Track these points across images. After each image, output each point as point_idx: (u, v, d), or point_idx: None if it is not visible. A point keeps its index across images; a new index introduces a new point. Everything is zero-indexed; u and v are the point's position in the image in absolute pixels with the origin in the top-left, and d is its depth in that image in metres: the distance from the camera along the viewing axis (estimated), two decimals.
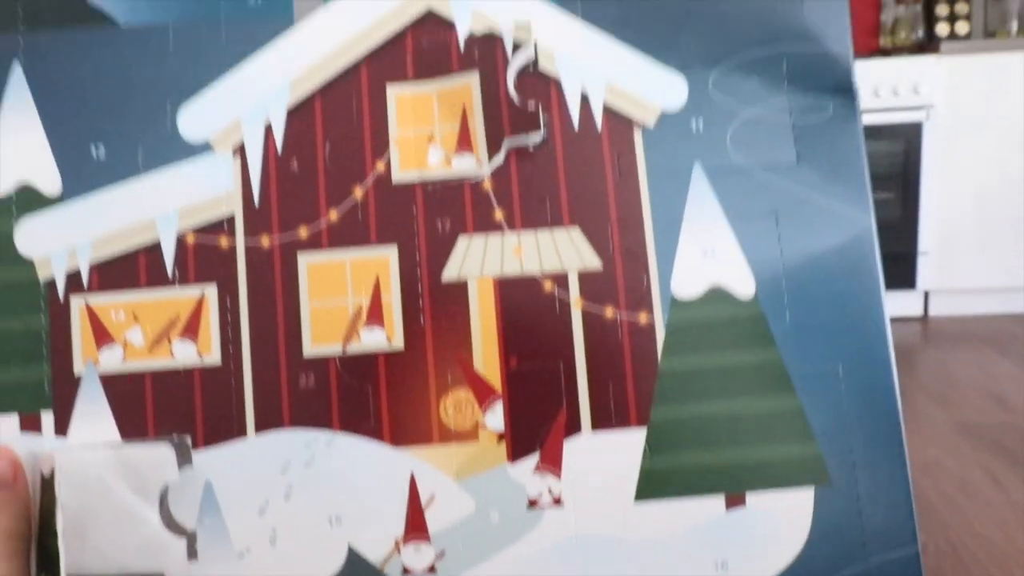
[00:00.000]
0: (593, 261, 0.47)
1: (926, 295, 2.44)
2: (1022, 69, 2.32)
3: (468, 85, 0.47)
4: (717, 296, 0.47)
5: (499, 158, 0.47)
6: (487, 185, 0.47)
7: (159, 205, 0.46)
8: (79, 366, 0.46)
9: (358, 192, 0.47)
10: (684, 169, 0.48)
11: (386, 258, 0.46)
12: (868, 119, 2.48)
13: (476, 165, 0.47)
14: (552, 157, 0.47)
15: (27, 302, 0.46)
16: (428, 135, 0.47)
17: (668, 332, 0.46)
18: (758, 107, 0.48)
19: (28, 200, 0.47)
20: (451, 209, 0.47)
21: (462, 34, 0.48)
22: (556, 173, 0.47)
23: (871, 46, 2.96)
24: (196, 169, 0.47)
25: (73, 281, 0.46)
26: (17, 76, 0.47)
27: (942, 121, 2.34)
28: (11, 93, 0.47)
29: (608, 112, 0.48)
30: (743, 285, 0.47)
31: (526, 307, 0.47)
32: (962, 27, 2.72)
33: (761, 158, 0.48)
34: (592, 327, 0.46)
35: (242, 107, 0.47)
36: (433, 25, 0.48)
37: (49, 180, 0.47)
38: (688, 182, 0.47)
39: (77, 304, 0.46)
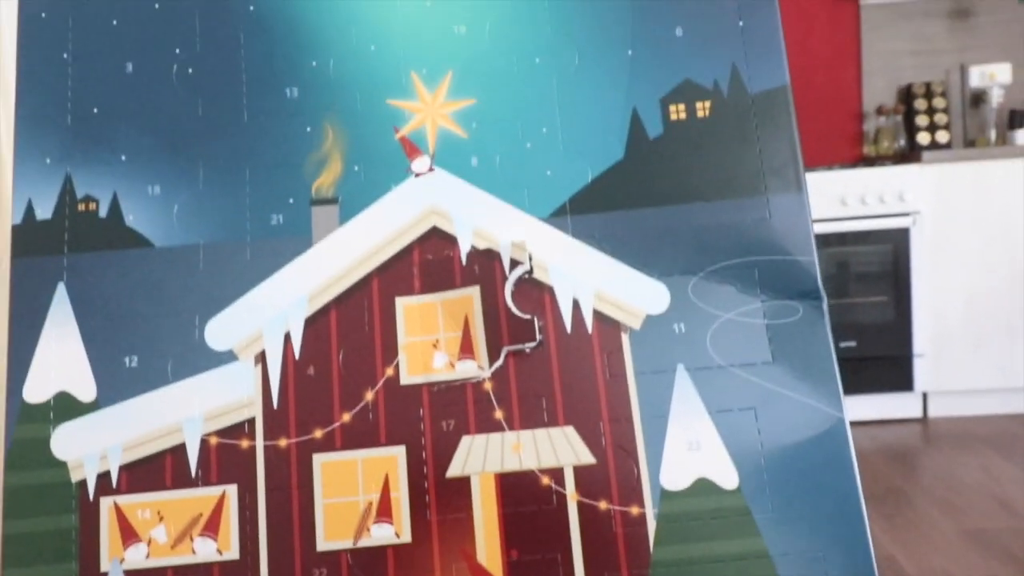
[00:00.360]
0: (587, 457, 0.50)
1: (924, 396, 2.47)
2: (1003, 176, 2.43)
3: (470, 296, 0.53)
4: (703, 487, 0.50)
5: (499, 363, 0.51)
6: (488, 386, 0.51)
7: (186, 410, 0.51)
8: (105, 564, 0.49)
9: (369, 395, 0.51)
10: (669, 368, 0.52)
11: (395, 457, 0.50)
12: (857, 225, 2.58)
13: (477, 369, 0.52)
14: (547, 359, 0.52)
15: (59, 502, 0.49)
16: (433, 341, 0.52)
17: (659, 523, 0.50)
18: (734, 311, 0.53)
19: (65, 407, 0.51)
20: (455, 409, 0.51)
21: (464, 249, 0.53)
22: (551, 374, 0.52)
23: (855, 155, 3.10)
24: (220, 376, 0.51)
25: (103, 482, 0.50)
26: (61, 294, 0.52)
27: (929, 226, 2.44)
28: (55, 309, 0.52)
29: (598, 316, 0.53)
30: (727, 477, 0.51)
31: (525, 500, 0.50)
32: (942, 136, 2.86)
33: (739, 357, 0.52)
34: (588, 519, 0.50)
35: (264, 318, 0.52)
36: (437, 241, 0.54)
37: (85, 388, 0.51)
38: (673, 381, 0.52)
39: (107, 504, 0.49)
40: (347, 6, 0.56)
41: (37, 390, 0.51)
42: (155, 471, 0.50)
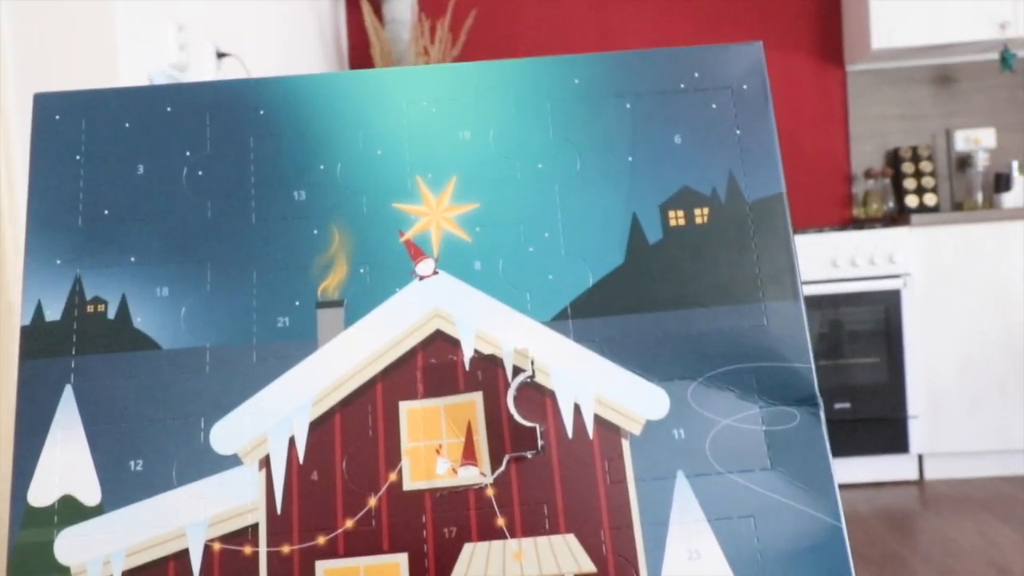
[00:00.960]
0: (588, 566, 0.51)
1: (920, 458, 2.47)
2: (991, 238, 2.48)
3: (472, 402, 0.54)
4: None
5: (500, 469, 0.52)
6: (490, 492, 0.52)
7: (190, 515, 0.51)
8: None
9: (372, 501, 0.52)
10: (668, 475, 0.53)
11: (397, 564, 0.51)
12: (848, 287, 2.62)
13: (480, 475, 0.53)
14: (548, 464, 0.53)
15: None
16: (436, 447, 0.53)
17: None
18: (732, 417, 0.54)
19: (69, 510, 0.51)
20: (457, 516, 0.52)
21: (467, 353, 0.55)
22: (553, 480, 0.53)
23: (845, 218, 3.15)
24: (225, 481, 0.52)
25: None
26: (67, 397, 0.53)
27: (919, 288, 2.47)
28: (61, 412, 0.53)
29: (598, 422, 0.54)
30: None
31: None
32: (930, 199, 2.91)
33: (737, 464, 0.54)
34: None
35: (269, 422, 0.53)
36: (441, 344, 0.55)
37: (90, 492, 0.52)
38: (673, 487, 0.53)
39: None
40: (354, 111, 0.58)
41: (42, 493, 0.52)
42: None
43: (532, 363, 0.54)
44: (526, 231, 0.57)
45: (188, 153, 0.57)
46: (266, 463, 0.52)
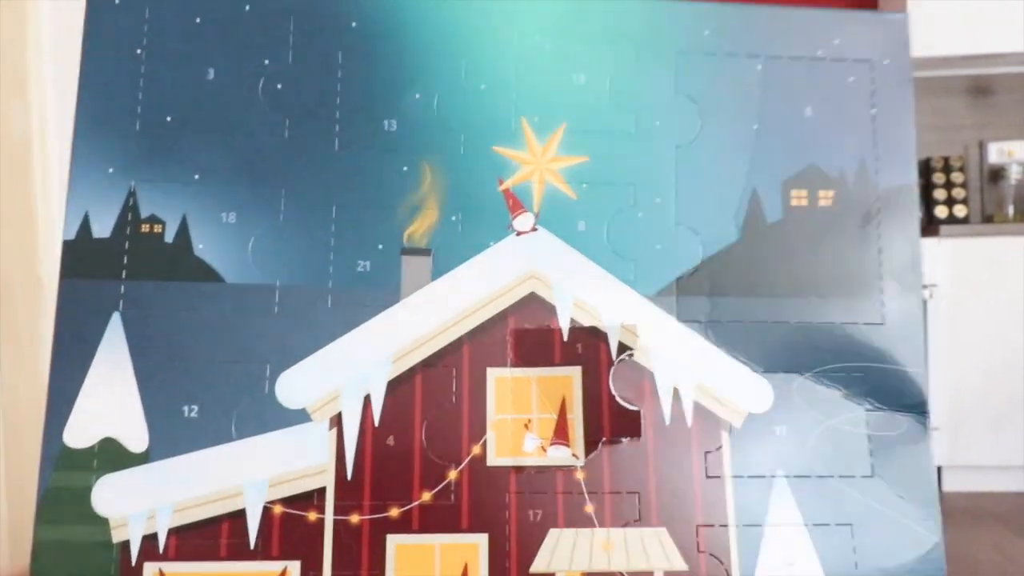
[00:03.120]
0: (679, 563, 0.49)
1: (939, 470, 2.49)
2: (1020, 252, 2.46)
3: (569, 377, 0.50)
4: None
5: (595, 453, 0.49)
6: (579, 476, 0.49)
7: (249, 473, 0.47)
8: None
9: (452, 474, 0.48)
10: (767, 473, 0.50)
11: (476, 545, 0.47)
12: None
13: (571, 457, 0.49)
14: (643, 452, 0.50)
15: (97, 565, 0.45)
16: (525, 421, 0.49)
17: None
18: (837, 418, 0.52)
19: (111, 455, 0.46)
20: (543, 499, 0.48)
21: (563, 322, 0.51)
22: (647, 469, 0.50)
23: None
24: (290, 438, 0.47)
25: (149, 546, 0.45)
26: (115, 325, 0.47)
27: (946, 300, 2.45)
28: (107, 342, 0.47)
29: (698, 410, 0.51)
30: None
31: None
32: (960, 210, 2.91)
33: (839, 468, 0.51)
34: None
35: (343, 377, 0.48)
36: (535, 309, 0.51)
37: (136, 437, 0.46)
38: (771, 487, 0.50)
39: (151, 571, 0.45)
40: (460, 38, 0.52)
41: (80, 433, 0.46)
42: (209, 538, 0.46)
43: (638, 342, 0.51)
44: (636, 194, 0.53)
45: (267, 62, 0.51)
46: (337, 422, 0.48)
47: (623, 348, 0.50)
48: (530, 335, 0.50)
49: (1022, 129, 3.02)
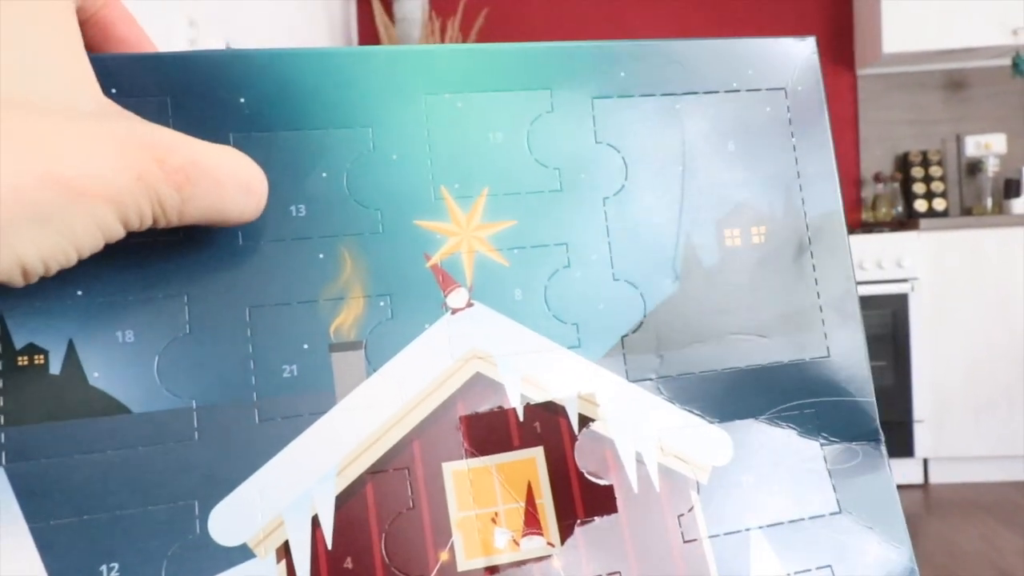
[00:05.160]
0: None
1: (925, 463, 2.53)
2: (999, 244, 2.55)
3: (532, 459, 0.46)
4: None
5: (571, 537, 0.45)
6: (557, 564, 0.45)
7: None
8: None
9: None
10: (742, 527, 0.48)
11: None
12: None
13: (547, 546, 0.45)
14: (618, 527, 0.46)
15: None
16: (492, 515, 0.45)
17: None
18: (796, 458, 0.50)
19: None
20: None
21: (512, 398, 0.47)
22: (624, 544, 0.46)
23: (854, 221, 3.16)
24: None
25: None
26: (3, 486, 0.40)
27: (927, 292, 2.50)
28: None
29: (663, 472, 0.48)
30: None
31: None
32: (939, 204, 2.99)
33: (808, 509, 0.50)
34: None
35: (284, 501, 0.43)
36: (483, 391, 0.47)
37: None
38: (748, 541, 0.48)
39: None
40: (362, 104, 0.48)
41: None
42: None
43: (598, 410, 0.47)
44: (570, 253, 0.49)
45: None
46: (285, 553, 0.42)
47: (584, 420, 0.47)
48: (483, 420, 0.46)
49: (998, 122, 3.13)
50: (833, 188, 0.54)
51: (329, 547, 0.43)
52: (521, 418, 0.46)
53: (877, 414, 0.52)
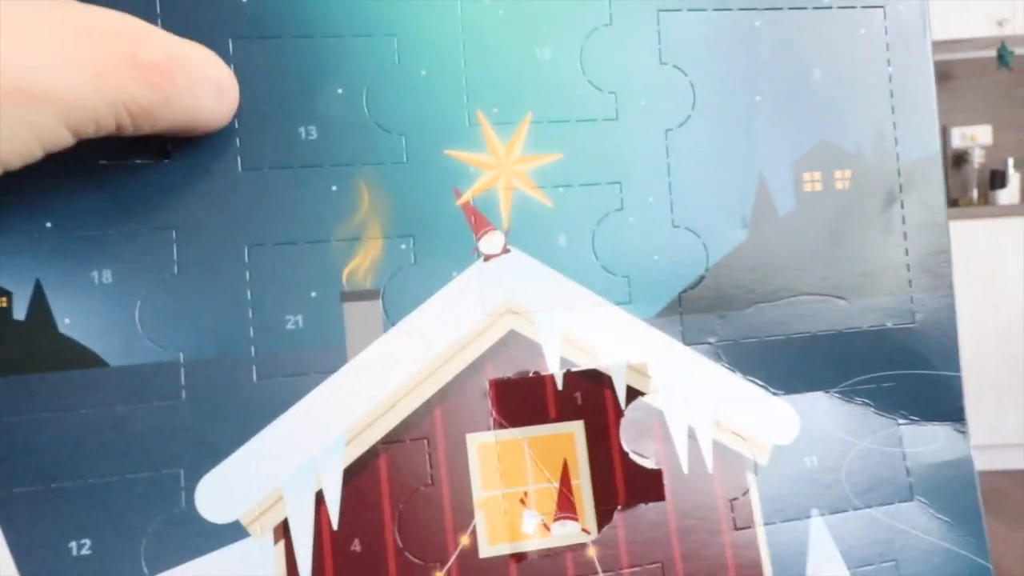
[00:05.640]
0: None
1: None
2: (986, 234, 2.49)
3: (570, 434, 0.40)
4: None
5: (610, 525, 0.39)
6: (591, 553, 0.39)
7: None
8: None
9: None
10: (802, 515, 0.42)
11: None
12: None
13: (581, 533, 0.39)
14: (662, 513, 0.40)
15: None
16: (520, 495, 0.39)
17: None
18: (869, 439, 0.44)
19: None
20: None
21: (552, 363, 0.40)
22: (668, 532, 0.40)
23: None
24: (223, 563, 0.36)
25: None
26: None
27: None
28: None
29: (718, 450, 0.42)
30: None
31: None
32: None
33: (877, 496, 0.44)
34: None
35: (283, 471, 0.37)
36: (517, 352, 0.40)
37: None
38: (808, 530, 0.42)
39: None
40: (388, 9, 0.40)
41: None
42: None
43: (650, 383, 0.41)
44: (624, 193, 0.42)
45: None
46: (284, 532, 0.36)
47: (632, 392, 0.40)
48: (516, 387, 0.40)
49: (984, 113, 3.06)
50: (931, 129, 0.45)
51: (335, 527, 0.37)
52: (560, 386, 0.40)
53: (963, 392, 0.45)
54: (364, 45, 0.39)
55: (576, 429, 0.40)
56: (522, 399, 0.40)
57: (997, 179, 2.91)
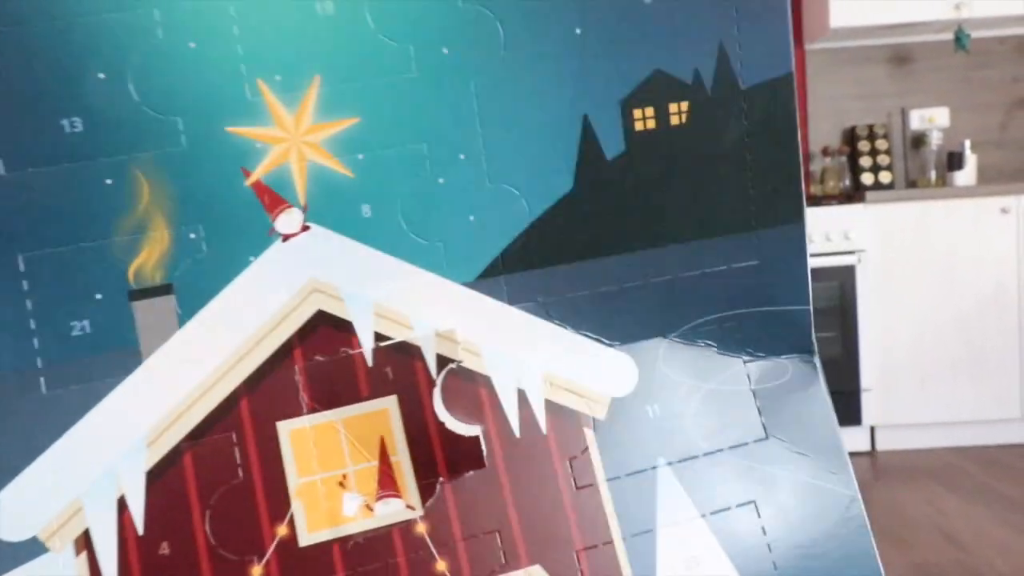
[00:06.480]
0: None
1: (872, 430, 2.54)
2: (943, 215, 2.47)
3: (384, 411, 0.38)
4: None
5: (434, 497, 0.38)
6: (421, 528, 0.38)
7: None
8: None
9: (257, 570, 0.36)
10: (647, 466, 0.40)
11: None
12: None
13: (406, 509, 0.38)
14: (494, 477, 0.39)
15: None
16: (339, 478, 0.37)
17: None
18: (715, 379, 0.42)
19: None
20: (380, 569, 0.37)
21: (365, 342, 0.38)
22: (503, 498, 0.39)
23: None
24: None
25: None
26: None
27: (873, 264, 2.45)
28: None
29: (551, 409, 0.40)
30: None
31: None
32: (885, 176, 2.90)
33: (728, 438, 0.41)
34: None
35: (82, 481, 0.35)
36: (327, 331, 0.38)
37: None
38: (655, 481, 0.40)
39: None
40: None
41: None
42: None
43: (460, 348, 0.39)
44: (431, 153, 0.39)
45: None
46: (86, 543, 0.35)
47: (443, 361, 0.38)
48: (326, 368, 0.37)
49: (941, 96, 3.01)
50: (783, 43, 0.41)
51: (140, 532, 0.35)
52: (370, 363, 0.38)
53: (812, 324, 0.43)
54: (122, 21, 0.36)
55: (391, 405, 0.38)
56: (333, 380, 0.37)
57: (955, 161, 2.89)
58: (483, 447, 0.38)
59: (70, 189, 0.35)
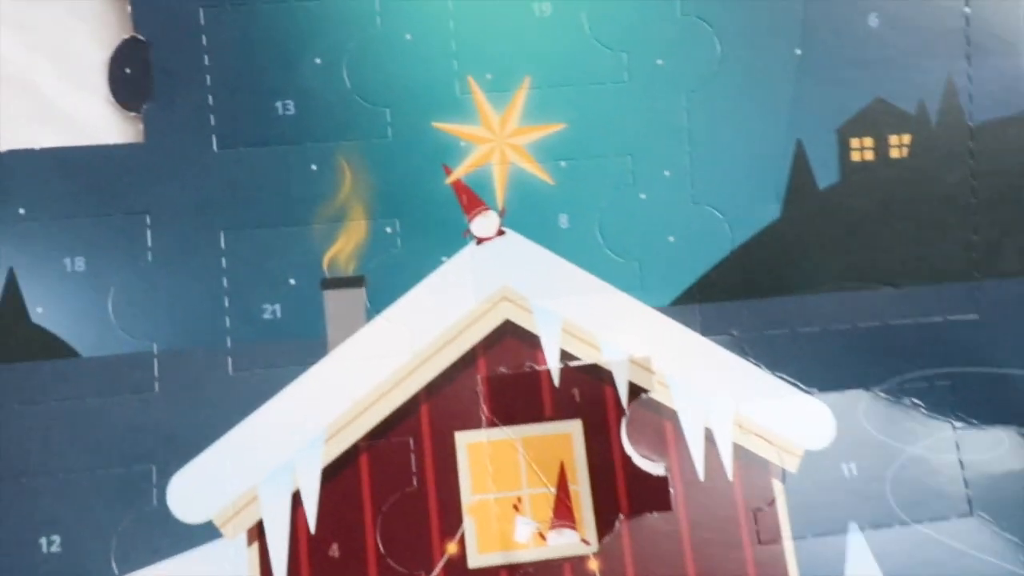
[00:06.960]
0: None
1: None
2: None
3: (567, 435, 0.39)
4: None
5: (612, 534, 0.39)
6: (593, 566, 0.39)
7: None
8: None
9: None
10: (837, 528, 0.41)
11: None
12: None
13: (580, 543, 0.39)
14: (674, 524, 0.40)
15: None
16: (514, 501, 0.39)
17: None
18: (920, 445, 0.42)
19: None
20: None
21: (551, 359, 0.40)
22: (680, 544, 0.40)
23: None
24: (195, 563, 0.37)
25: None
26: None
27: None
28: None
29: (740, 454, 0.41)
30: None
31: None
32: None
33: (928, 510, 0.41)
34: None
35: (259, 471, 0.38)
36: (513, 343, 0.40)
37: None
38: (844, 546, 0.41)
39: None
40: None
41: None
42: None
43: (654, 379, 0.40)
44: (636, 167, 0.41)
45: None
46: (259, 534, 0.37)
47: (636, 390, 0.40)
48: (509, 382, 0.39)
49: None
50: (1018, 82, 0.42)
51: (312, 530, 0.38)
52: (557, 382, 0.39)
53: None
54: (342, 8, 0.39)
55: (574, 429, 0.39)
56: (516, 395, 0.39)
57: None
58: (671, 488, 0.39)
59: (276, 171, 0.39)
